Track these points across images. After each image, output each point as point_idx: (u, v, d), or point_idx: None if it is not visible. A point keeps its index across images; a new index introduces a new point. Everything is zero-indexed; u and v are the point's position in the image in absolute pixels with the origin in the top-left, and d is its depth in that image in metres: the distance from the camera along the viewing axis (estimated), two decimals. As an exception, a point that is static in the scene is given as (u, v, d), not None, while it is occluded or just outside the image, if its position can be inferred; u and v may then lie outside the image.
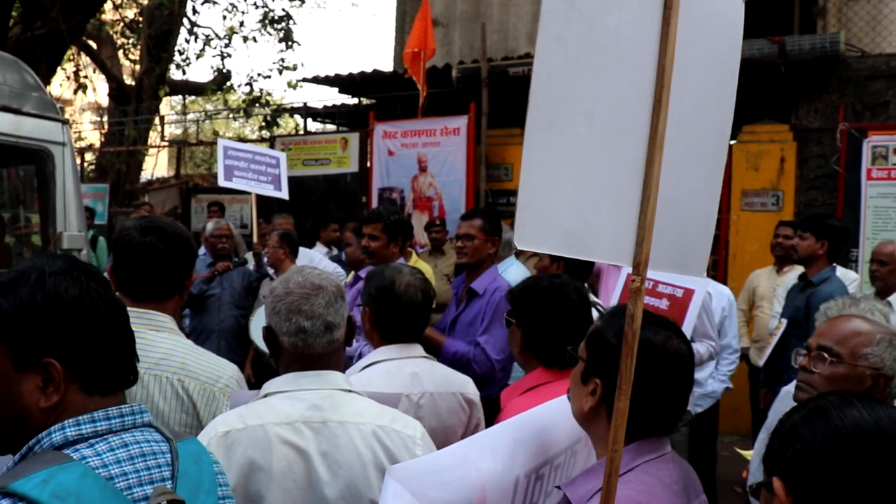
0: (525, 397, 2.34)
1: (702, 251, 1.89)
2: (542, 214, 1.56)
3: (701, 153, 1.84)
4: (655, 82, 1.65)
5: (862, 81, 7.69)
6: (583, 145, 1.59)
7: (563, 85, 1.55)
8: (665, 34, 1.64)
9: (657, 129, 1.64)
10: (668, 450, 1.74)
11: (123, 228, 2.37)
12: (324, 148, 9.93)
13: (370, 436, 1.94)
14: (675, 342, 1.72)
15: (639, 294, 1.60)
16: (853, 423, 1.28)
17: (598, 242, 1.64)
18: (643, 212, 1.64)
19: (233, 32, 16.27)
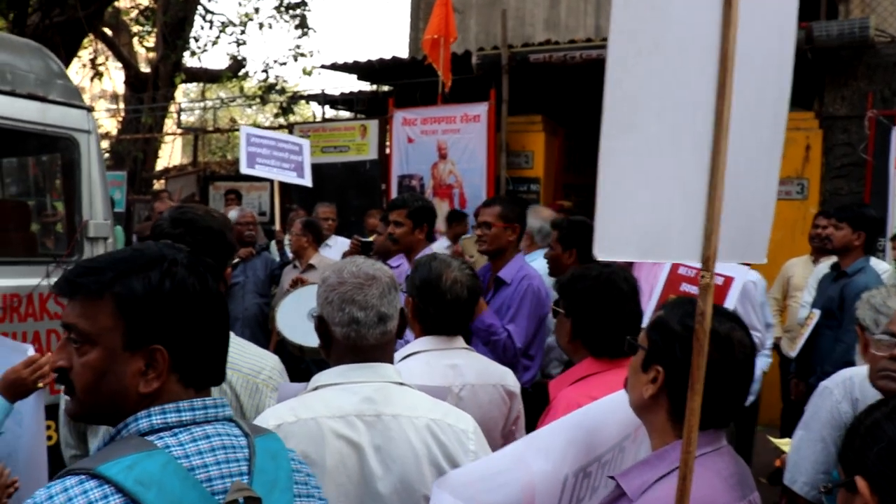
0: (575, 387, 2.33)
1: (763, 236, 1.84)
2: (620, 222, 1.53)
3: (762, 138, 1.78)
4: (719, 67, 1.59)
5: (891, 67, 7.56)
6: (655, 145, 1.55)
7: (636, 82, 1.50)
8: (727, 17, 1.58)
9: (722, 115, 1.58)
10: (725, 443, 1.71)
11: (158, 220, 2.36)
12: (342, 135, 9.88)
13: (424, 430, 1.91)
14: (738, 333, 1.69)
15: (708, 290, 1.55)
16: None
17: (669, 243, 1.60)
18: (710, 203, 1.59)
19: (248, 19, 16.22)
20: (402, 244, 4.31)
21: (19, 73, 4.29)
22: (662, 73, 1.54)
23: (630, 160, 1.52)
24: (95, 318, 1.29)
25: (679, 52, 1.56)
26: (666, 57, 1.54)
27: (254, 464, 1.32)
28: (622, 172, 1.51)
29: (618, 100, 1.48)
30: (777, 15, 1.79)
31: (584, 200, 9.99)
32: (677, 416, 1.65)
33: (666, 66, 1.54)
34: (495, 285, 4.02)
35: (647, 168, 1.54)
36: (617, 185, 1.51)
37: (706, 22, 1.59)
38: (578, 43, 8.64)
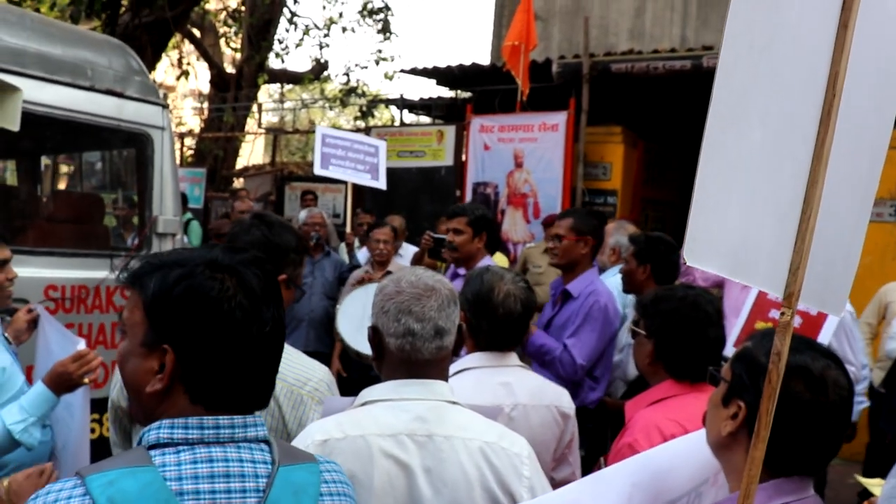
0: (652, 409, 2.26)
1: (843, 289, 1.69)
2: (712, 227, 1.42)
3: (858, 177, 1.64)
4: (826, 91, 1.47)
5: None
6: (755, 152, 1.44)
7: (745, 79, 1.41)
8: (841, 38, 1.45)
9: (823, 144, 1.46)
10: (811, 492, 1.55)
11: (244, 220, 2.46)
12: (419, 140, 9.85)
13: (477, 452, 1.81)
14: (834, 372, 1.53)
15: (788, 329, 1.41)
16: None
17: (757, 267, 1.48)
18: (800, 236, 1.46)
19: (332, 22, 16.42)
20: (461, 252, 4.23)
21: (99, 69, 4.37)
22: (773, 76, 1.44)
23: (729, 160, 1.42)
24: (131, 310, 1.31)
25: (791, 64, 1.45)
26: (775, 64, 1.43)
27: (267, 496, 1.22)
28: (720, 173, 1.41)
29: (725, 92, 1.39)
30: (892, 41, 1.64)
31: (662, 215, 9.73)
32: None
33: (774, 74, 1.44)
34: (563, 298, 3.90)
35: (746, 176, 1.44)
36: (713, 186, 1.40)
37: (819, 38, 1.47)
38: (662, 53, 8.42)
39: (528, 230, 8.61)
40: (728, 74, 1.39)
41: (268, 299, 1.30)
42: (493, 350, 2.53)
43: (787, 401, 1.48)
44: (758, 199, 1.45)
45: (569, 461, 2.65)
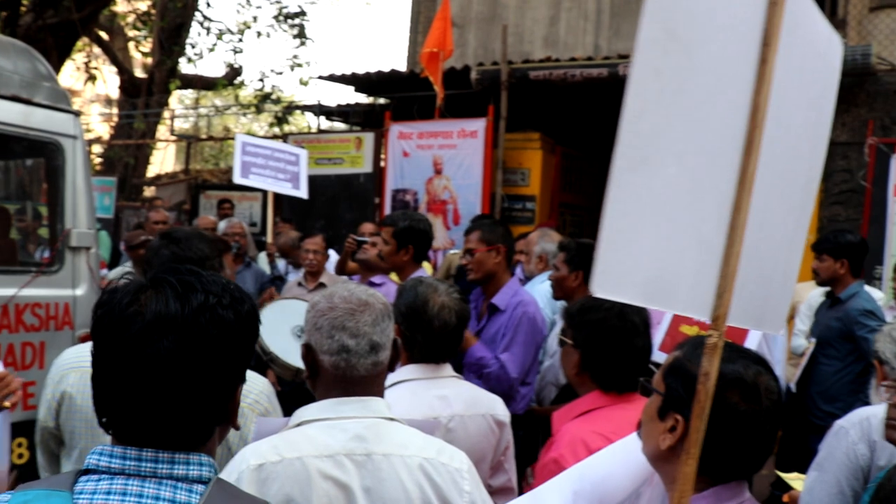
0: (579, 422, 2.22)
1: (781, 307, 1.75)
2: (623, 260, 1.42)
3: (789, 201, 1.70)
4: (749, 122, 1.52)
5: (891, 95, 7.51)
6: (671, 187, 1.46)
7: (656, 120, 1.41)
8: (762, 72, 1.51)
9: (747, 172, 1.51)
10: (747, 495, 1.58)
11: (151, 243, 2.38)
12: (337, 147, 9.78)
13: (417, 469, 1.78)
14: (765, 378, 1.56)
15: (716, 351, 1.45)
16: None
17: (677, 292, 1.50)
18: (726, 261, 1.51)
19: (246, 27, 16.17)
20: (387, 263, 4.21)
21: (4, 73, 4.17)
22: (687, 116, 1.46)
23: (641, 197, 1.43)
24: None
25: (709, 99, 1.48)
26: (691, 101, 1.46)
27: None
28: (630, 209, 1.42)
29: (632, 134, 1.39)
30: (818, 74, 1.72)
31: (579, 220, 9.91)
32: (699, 468, 1.53)
33: (692, 111, 1.46)
34: (489, 312, 3.90)
35: (661, 209, 1.45)
36: (623, 221, 1.41)
37: (739, 74, 1.52)
38: (579, 61, 8.58)
39: (448, 237, 8.64)
40: (636, 118, 1.40)
41: (171, 326, 1.17)
42: (428, 362, 2.51)
43: (724, 412, 1.50)
44: (676, 229, 1.47)
45: (505, 468, 2.66)
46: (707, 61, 1.46)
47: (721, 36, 1.47)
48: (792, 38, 1.56)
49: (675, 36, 1.40)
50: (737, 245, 1.50)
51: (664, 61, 1.40)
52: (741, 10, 1.49)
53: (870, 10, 9.11)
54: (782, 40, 1.51)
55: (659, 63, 1.40)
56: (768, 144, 1.53)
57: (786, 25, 1.52)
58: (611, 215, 1.39)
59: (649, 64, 1.39)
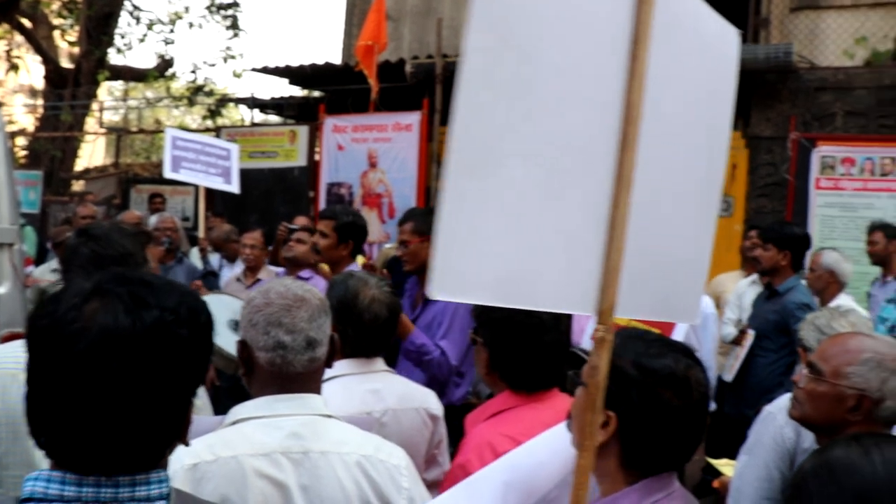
0: (487, 424, 2.16)
1: (692, 297, 1.78)
2: (464, 263, 1.41)
3: (686, 193, 1.73)
4: (622, 120, 1.53)
5: (811, 93, 7.78)
6: (520, 188, 1.46)
7: (493, 128, 1.41)
8: (633, 69, 1.52)
9: (624, 168, 1.53)
10: (677, 486, 1.61)
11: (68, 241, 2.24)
12: (271, 140, 9.67)
13: (354, 467, 1.78)
14: (695, 371, 1.58)
15: (603, 344, 1.48)
16: (861, 481, 1.22)
17: (544, 290, 1.51)
18: (608, 256, 1.53)
19: (177, 17, 15.82)
20: (324, 257, 4.19)
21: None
22: (534, 121, 1.46)
23: (481, 201, 1.42)
24: None
25: (565, 102, 1.49)
26: (538, 106, 1.46)
27: None
28: (469, 213, 1.41)
29: (465, 143, 1.39)
30: (712, 63, 1.75)
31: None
32: (630, 462, 1.56)
33: (540, 115, 1.47)
34: (424, 301, 3.92)
35: (509, 210, 1.45)
36: (461, 225, 1.40)
37: (604, 74, 1.52)
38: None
39: (383, 230, 8.62)
40: (468, 126, 1.38)
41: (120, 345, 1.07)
42: (359, 357, 2.51)
43: (657, 408, 1.52)
44: (531, 228, 1.48)
45: (438, 462, 2.68)
46: (556, 65, 1.47)
47: (576, 39, 1.48)
48: (671, 34, 1.59)
49: (509, 44, 1.39)
50: (618, 240, 1.52)
51: (497, 70, 1.39)
52: (602, 12, 1.51)
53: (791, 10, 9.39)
54: (657, 37, 1.53)
55: (492, 71, 1.39)
56: (652, 139, 1.56)
57: (660, 22, 1.54)
58: (444, 220, 1.38)
59: (480, 73, 1.38)
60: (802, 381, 2.18)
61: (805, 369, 2.20)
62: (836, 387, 2.07)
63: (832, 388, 2.08)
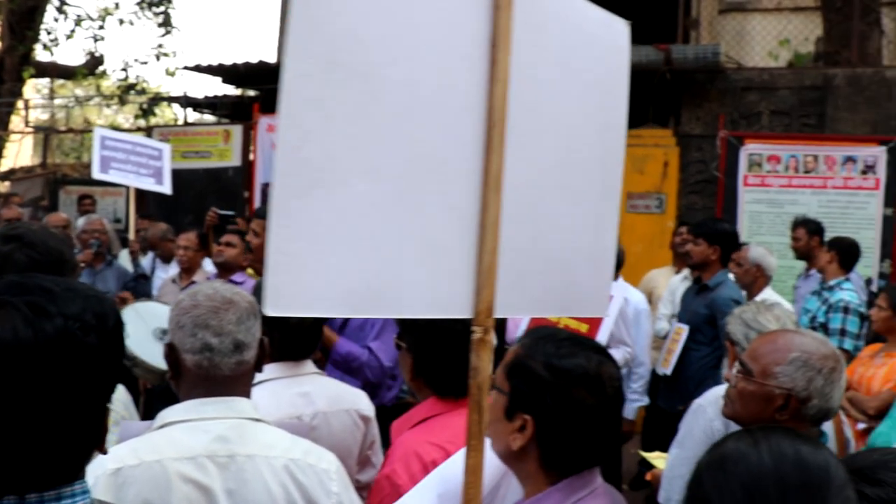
0: (414, 432, 2.14)
1: (596, 290, 1.81)
2: (301, 278, 1.42)
3: (578, 189, 1.75)
4: (486, 124, 1.54)
5: (739, 92, 7.99)
6: (366, 203, 1.47)
7: (326, 147, 1.42)
8: (493, 73, 1.54)
9: (491, 171, 1.54)
10: (599, 482, 1.62)
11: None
12: (205, 140, 9.52)
13: (282, 471, 1.77)
14: (607, 367, 1.59)
15: (483, 346, 1.51)
16: (747, 471, 1.25)
17: (413, 297, 1.54)
18: (481, 259, 1.54)
19: (107, 13, 15.43)
20: (257, 256, 4.14)
21: None
22: (377, 136, 1.47)
23: (317, 218, 1.43)
24: None
25: (413, 114, 1.50)
26: (381, 121, 1.47)
27: None
28: (303, 232, 1.42)
29: (294, 165, 1.39)
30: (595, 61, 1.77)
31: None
32: (550, 463, 1.57)
33: (383, 129, 1.47)
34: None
35: (356, 224, 1.46)
36: (298, 244, 1.41)
37: (461, 81, 1.54)
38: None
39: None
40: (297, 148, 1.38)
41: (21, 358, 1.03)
42: (287, 360, 2.49)
43: (572, 408, 1.53)
44: (386, 238, 1.49)
45: (372, 463, 2.67)
46: (398, 80, 1.47)
47: (420, 52, 1.49)
48: (541, 34, 1.61)
49: (336, 66, 1.40)
50: (490, 241, 1.54)
51: (325, 91, 1.40)
52: (452, 22, 1.52)
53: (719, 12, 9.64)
54: (524, 38, 1.55)
55: (319, 93, 1.39)
56: (527, 140, 1.58)
57: (526, 23, 1.56)
58: (274, 240, 1.39)
59: (305, 97, 1.38)
60: (733, 380, 2.21)
61: (736, 367, 2.23)
62: (765, 386, 2.10)
63: (761, 387, 2.11)
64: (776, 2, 10.37)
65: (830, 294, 5.21)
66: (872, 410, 3.87)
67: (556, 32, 1.67)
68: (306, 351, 2.56)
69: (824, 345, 2.16)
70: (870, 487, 1.43)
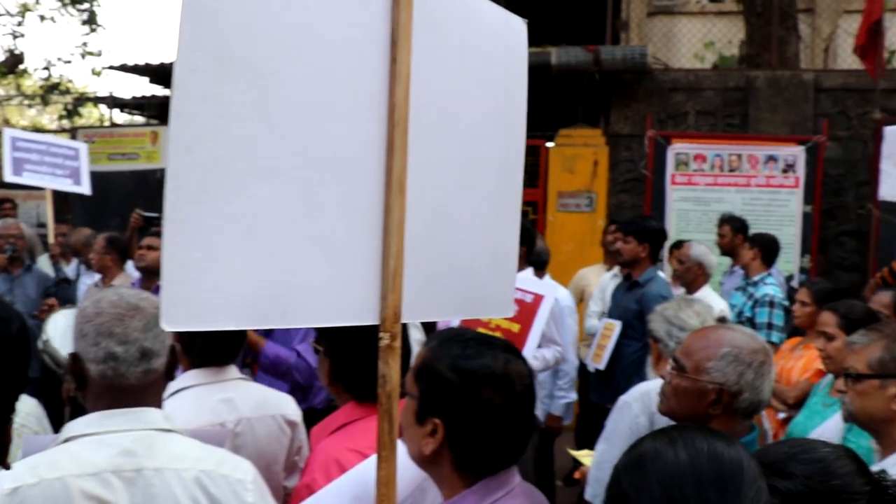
0: (334, 438, 2.10)
1: (501, 290, 1.80)
2: (201, 290, 1.34)
3: (479, 189, 1.74)
4: (388, 123, 1.51)
5: (665, 93, 8.16)
6: (268, 207, 1.41)
7: (221, 147, 1.34)
8: (395, 72, 1.51)
9: (393, 174, 1.51)
10: (517, 481, 1.62)
11: None
12: (132, 142, 9.30)
13: (192, 483, 1.70)
14: (515, 365, 1.58)
15: (390, 352, 1.48)
16: (664, 468, 1.27)
17: (317, 304, 1.48)
18: (385, 263, 1.51)
19: (26, 10, 14.94)
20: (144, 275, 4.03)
21: None
22: (275, 137, 1.41)
23: (215, 224, 1.35)
24: None
25: (312, 113, 1.45)
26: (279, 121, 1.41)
27: None
28: (200, 238, 1.34)
29: (188, 168, 1.31)
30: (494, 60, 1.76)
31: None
32: (463, 465, 1.56)
33: (281, 130, 1.42)
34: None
35: (255, 230, 1.40)
36: (193, 251, 1.33)
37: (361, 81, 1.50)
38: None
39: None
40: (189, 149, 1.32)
41: None
42: (210, 366, 2.44)
43: (481, 409, 1.52)
44: (286, 245, 1.43)
45: (300, 468, 2.63)
46: (297, 79, 1.42)
47: (320, 51, 1.44)
48: (440, 33, 1.59)
49: (232, 63, 1.33)
50: (395, 245, 1.50)
51: (220, 88, 1.33)
52: (351, 21, 1.48)
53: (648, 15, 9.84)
54: (423, 38, 1.53)
55: (213, 91, 1.32)
56: (428, 141, 1.55)
57: (425, 23, 1.54)
58: (171, 251, 1.31)
59: (198, 93, 1.31)
60: (668, 376, 2.24)
61: (670, 364, 2.26)
62: (698, 382, 2.13)
63: (694, 383, 2.13)
64: (701, 6, 10.65)
65: (755, 289, 5.35)
66: (792, 400, 3.99)
67: (455, 30, 1.65)
68: (229, 356, 2.50)
69: (754, 339, 2.20)
70: (781, 480, 1.46)
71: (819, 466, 1.49)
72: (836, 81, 8.03)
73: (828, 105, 7.90)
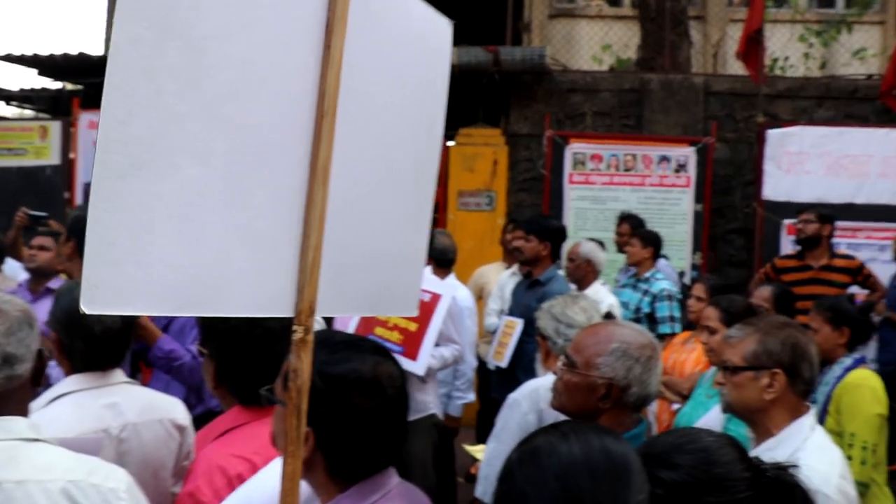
0: (218, 444, 2.04)
1: (407, 289, 1.80)
2: (122, 272, 1.29)
3: (394, 186, 1.73)
4: (316, 112, 1.48)
5: (564, 93, 8.35)
6: (196, 189, 1.36)
7: (155, 124, 1.30)
8: (328, 59, 1.48)
9: (318, 163, 1.47)
10: (394, 483, 1.61)
11: None
12: (19, 136, 8.88)
13: (59, 495, 1.63)
14: (384, 367, 1.57)
15: (303, 346, 1.44)
16: (559, 462, 1.31)
17: (234, 294, 1.44)
18: (304, 255, 1.48)
19: None
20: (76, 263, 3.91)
21: None
22: (210, 115, 1.37)
23: (142, 204, 1.30)
24: None
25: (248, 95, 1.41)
26: (215, 100, 1.37)
27: None
28: (126, 218, 1.29)
29: (120, 142, 1.26)
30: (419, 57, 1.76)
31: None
32: (336, 471, 1.55)
33: (216, 109, 1.38)
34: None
35: (182, 212, 1.35)
36: (118, 231, 1.28)
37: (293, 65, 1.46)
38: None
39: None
40: (123, 123, 1.27)
41: None
42: (92, 370, 2.35)
43: (350, 415, 1.51)
44: (207, 230, 1.38)
45: (190, 473, 2.59)
46: (233, 57, 1.38)
47: (257, 29, 1.41)
48: (372, 24, 1.58)
49: (170, 35, 1.29)
50: (315, 237, 1.47)
51: (158, 61, 1.29)
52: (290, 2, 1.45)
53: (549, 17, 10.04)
54: (355, 27, 1.51)
55: (150, 64, 1.28)
56: (351, 131, 1.53)
57: (359, 12, 1.51)
58: (94, 228, 1.26)
59: (135, 65, 1.26)
60: (559, 372, 2.28)
61: (561, 360, 2.31)
62: (588, 377, 2.17)
63: (584, 378, 2.18)
64: (600, 9, 10.93)
65: (648, 285, 5.53)
66: (686, 391, 4.15)
67: (386, 24, 1.63)
68: (114, 359, 2.41)
69: (642, 335, 2.28)
70: (666, 471, 1.50)
71: (703, 456, 1.54)
72: (724, 86, 8.38)
73: (716, 108, 8.24)
